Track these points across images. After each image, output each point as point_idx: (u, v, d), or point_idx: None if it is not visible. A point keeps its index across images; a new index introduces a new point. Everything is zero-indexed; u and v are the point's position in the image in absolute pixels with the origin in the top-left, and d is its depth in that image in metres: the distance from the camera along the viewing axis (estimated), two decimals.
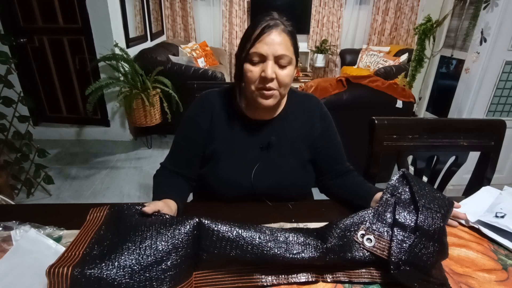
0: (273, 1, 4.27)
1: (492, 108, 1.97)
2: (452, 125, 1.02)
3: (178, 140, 0.89)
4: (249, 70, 0.75)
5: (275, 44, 0.73)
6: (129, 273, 0.49)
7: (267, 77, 0.73)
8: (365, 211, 0.64)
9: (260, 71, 0.75)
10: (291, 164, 0.87)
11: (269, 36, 0.73)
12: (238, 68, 0.79)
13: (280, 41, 0.73)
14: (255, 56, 0.74)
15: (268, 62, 0.74)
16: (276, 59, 0.74)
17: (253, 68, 0.75)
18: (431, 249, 0.58)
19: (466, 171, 1.11)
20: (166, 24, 4.39)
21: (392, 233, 0.61)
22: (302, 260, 0.57)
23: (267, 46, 0.73)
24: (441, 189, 1.09)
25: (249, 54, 0.74)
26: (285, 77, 0.76)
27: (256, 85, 0.76)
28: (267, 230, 0.59)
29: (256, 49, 0.73)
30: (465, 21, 2.12)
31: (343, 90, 1.94)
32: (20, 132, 1.96)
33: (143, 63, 2.71)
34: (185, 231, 0.55)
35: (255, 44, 0.73)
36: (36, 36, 2.66)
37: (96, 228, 0.58)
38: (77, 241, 0.54)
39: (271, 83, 0.75)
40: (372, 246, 0.60)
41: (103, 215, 0.62)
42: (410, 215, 0.62)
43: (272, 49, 0.73)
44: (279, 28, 0.74)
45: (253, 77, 0.75)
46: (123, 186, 2.28)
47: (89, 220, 0.61)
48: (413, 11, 4.41)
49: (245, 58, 0.75)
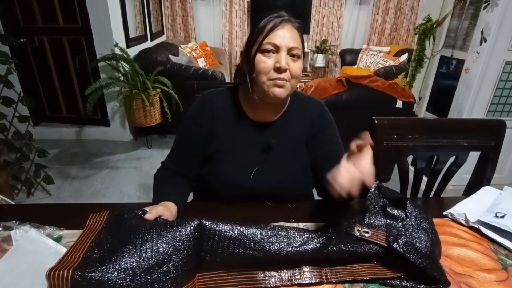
0: (273, 1, 4.27)
1: (492, 108, 1.97)
2: (452, 125, 1.02)
3: (178, 140, 0.89)
4: (262, 61, 0.75)
5: (288, 37, 0.75)
6: (130, 276, 0.48)
7: (281, 67, 0.74)
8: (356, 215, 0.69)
9: (273, 62, 0.75)
10: (291, 166, 0.87)
11: (283, 29, 0.75)
12: (247, 62, 0.79)
13: (293, 36, 0.76)
14: (269, 45, 0.75)
15: (281, 53, 0.75)
16: (289, 50, 0.75)
17: (266, 59, 0.75)
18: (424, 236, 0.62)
19: (466, 171, 1.11)
20: (166, 24, 4.39)
21: (385, 223, 0.66)
22: (305, 253, 0.58)
23: (281, 38, 0.74)
24: (441, 189, 1.09)
25: (263, 44, 0.75)
26: (297, 69, 0.77)
27: (268, 76, 0.76)
28: (268, 227, 0.60)
29: (270, 40, 0.74)
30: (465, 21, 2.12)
31: (343, 90, 1.94)
32: (20, 132, 1.96)
33: (143, 63, 2.71)
34: (186, 232, 0.55)
35: (269, 35, 0.74)
36: (36, 36, 2.66)
37: (96, 233, 0.58)
38: (76, 245, 0.54)
39: (284, 73, 0.76)
40: (369, 236, 0.63)
41: (103, 220, 0.61)
42: (398, 210, 0.68)
43: (286, 41, 0.75)
44: (291, 23, 0.77)
45: (266, 68, 0.75)
46: (123, 186, 2.28)
47: (88, 225, 0.60)
48: (413, 11, 4.41)
49: (257, 49, 0.76)
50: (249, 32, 0.81)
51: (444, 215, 0.81)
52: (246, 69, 0.80)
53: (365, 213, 0.69)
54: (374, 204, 0.72)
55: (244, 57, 0.81)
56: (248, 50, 0.79)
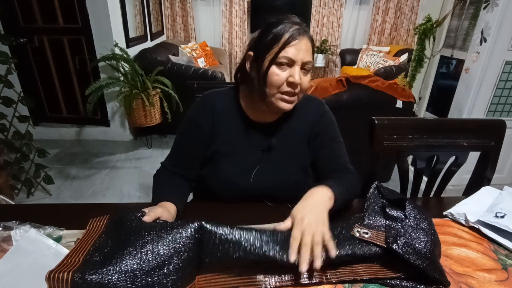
0: (273, 1, 4.27)
1: (492, 108, 1.97)
2: (452, 125, 1.02)
3: (178, 140, 0.89)
4: (275, 74, 0.74)
5: (303, 50, 0.74)
6: (131, 278, 0.48)
7: (295, 82, 0.74)
8: (356, 215, 0.70)
9: (286, 75, 0.75)
10: (292, 166, 0.87)
11: (300, 42, 0.73)
12: (257, 68, 0.77)
13: (307, 48, 0.75)
14: (284, 59, 0.73)
15: (295, 67, 0.74)
16: (303, 64, 0.75)
17: (280, 72, 0.74)
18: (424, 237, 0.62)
19: (466, 171, 1.11)
20: (166, 24, 4.39)
21: (385, 224, 0.66)
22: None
23: (297, 52, 0.73)
24: (441, 189, 1.09)
25: (278, 57, 0.73)
26: (306, 83, 0.78)
27: (280, 89, 0.76)
28: (268, 232, 0.60)
29: (286, 53, 0.73)
30: (465, 21, 2.12)
31: (343, 90, 1.94)
32: (20, 132, 1.96)
33: (143, 63, 2.71)
34: (187, 234, 0.54)
35: (286, 48, 0.73)
36: (36, 36, 2.66)
37: (96, 237, 0.58)
38: (76, 249, 0.54)
39: (296, 88, 0.76)
40: (369, 237, 0.63)
41: (103, 224, 0.61)
42: (397, 211, 0.68)
43: (301, 55, 0.74)
44: (306, 35, 0.75)
45: (279, 81, 0.75)
46: (123, 186, 2.28)
47: (88, 230, 0.60)
48: (413, 11, 4.41)
49: (271, 61, 0.74)
50: (260, 32, 0.78)
51: (444, 215, 0.81)
52: (254, 74, 0.78)
53: (365, 213, 0.69)
54: (374, 204, 0.72)
55: (254, 62, 0.78)
56: (259, 55, 0.76)
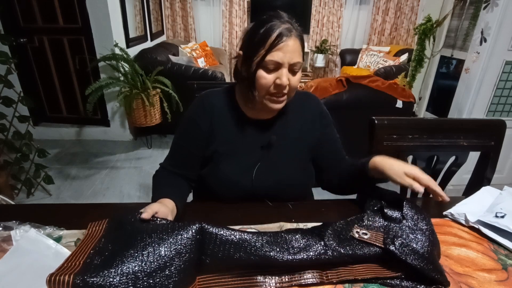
0: (273, 1, 4.27)
1: (492, 108, 1.97)
2: (452, 125, 1.02)
3: (177, 140, 0.89)
4: (263, 77, 0.74)
5: (290, 52, 0.72)
6: (133, 280, 0.48)
7: (282, 85, 0.74)
8: (355, 216, 0.70)
9: (273, 78, 0.74)
10: (292, 163, 0.87)
11: (285, 43, 0.71)
12: (246, 70, 0.77)
13: (295, 49, 0.73)
14: (270, 64, 0.73)
15: (283, 70, 0.73)
16: (291, 66, 0.74)
17: (267, 75, 0.74)
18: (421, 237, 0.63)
19: (466, 171, 1.11)
20: (166, 24, 4.39)
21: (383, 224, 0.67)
22: (305, 261, 0.58)
23: (283, 54, 0.72)
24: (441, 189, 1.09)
25: (264, 61, 0.73)
26: (296, 82, 0.77)
27: (268, 91, 0.76)
28: (269, 233, 0.60)
29: (272, 57, 0.72)
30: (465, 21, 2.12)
31: (343, 90, 1.94)
32: (20, 132, 1.96)
33: (143, 63, 2.71)
34: (188, 236, 0.54)
35: (271, 52, 0.72)
36: (36, 36, 2.66)
37: (96, 240, 0.57)
38: (76, 252, 0.54)
39: (284, 89, 0.76)
40: (368, 238, 0.63)
41: (103, 228, 0.61)
42: (395, 212, 0.69)
43: (288, 57, 0.72)
44: (293, 34, 0.73)
45: (267, 84, 0.75)
46: (123, 186, 2.28)
47: (88, 234, 0.60)
48: (413, 11, 4.41)
49: (258, 64, 0.74)
50: (248, 31, 0.77)
51: (444, 215, 0.81)
52: (245, 74, 0.78)
53: (364, 214, 0.69)
54: (373, 205, 0.72)
55: (244, 62, 0.78)
56: (248, 55, 0.76)
